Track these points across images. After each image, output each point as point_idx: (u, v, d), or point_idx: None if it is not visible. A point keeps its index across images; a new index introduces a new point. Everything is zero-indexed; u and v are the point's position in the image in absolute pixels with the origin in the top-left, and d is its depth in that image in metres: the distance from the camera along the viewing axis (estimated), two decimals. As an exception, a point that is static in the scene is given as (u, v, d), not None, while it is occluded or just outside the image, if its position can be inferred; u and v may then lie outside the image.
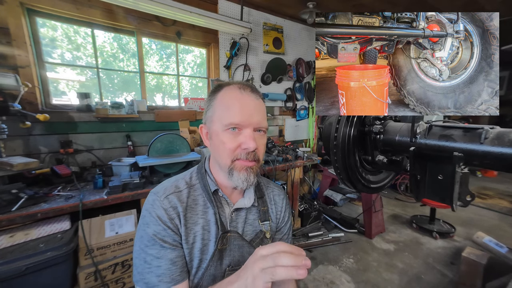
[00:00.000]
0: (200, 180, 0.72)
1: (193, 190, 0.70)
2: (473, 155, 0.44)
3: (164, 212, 0.63)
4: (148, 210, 0.65)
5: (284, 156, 2.42)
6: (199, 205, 0.69)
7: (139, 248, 0.63)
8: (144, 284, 0.60)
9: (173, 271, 0.61)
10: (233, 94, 0.65)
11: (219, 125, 0.64)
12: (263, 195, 0.81)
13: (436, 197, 0.49)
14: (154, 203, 0.65)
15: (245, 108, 0.63)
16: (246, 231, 0.74)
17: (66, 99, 2.14)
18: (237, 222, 0.73)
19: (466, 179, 0.44)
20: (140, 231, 0.64)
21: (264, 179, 0.87)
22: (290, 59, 3.22)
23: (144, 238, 0.63)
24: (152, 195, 0.67)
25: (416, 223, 2.90)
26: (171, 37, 2.37)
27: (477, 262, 1.70)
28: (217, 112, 0.66)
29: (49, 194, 1.44)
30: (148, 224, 0.63)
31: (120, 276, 1.55)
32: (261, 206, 0.77)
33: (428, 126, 0.50)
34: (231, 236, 0.68)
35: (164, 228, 0.62)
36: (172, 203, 0.65)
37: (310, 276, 2.07)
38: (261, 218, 0.76)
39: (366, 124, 0.61)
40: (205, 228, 0.67)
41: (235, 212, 0.73)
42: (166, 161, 1.77)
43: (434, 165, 0.50)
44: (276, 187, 0.86)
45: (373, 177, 0.70)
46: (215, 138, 0.66)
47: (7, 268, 1.16)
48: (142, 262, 0.62)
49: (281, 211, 0.83)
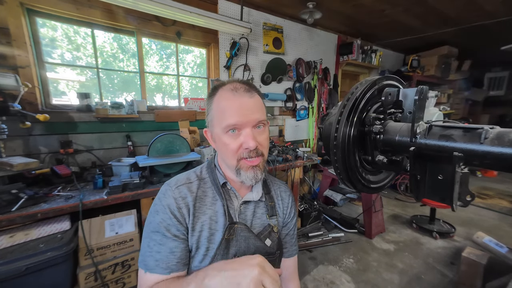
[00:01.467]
0: (210, 174, 0.76)
1: (203, 183, 0.74)
2: (473, 155, 0.44)
3: (174, 201, 0.67)
4: (160, 198, 0.69)
5: (284, 156, 2.42)
6: (208, 197, 0.72)
7: (146, 232, 0.68)
8: (144, 265, 0.64)
9: (170, 260, 0.64)
10: (227, 96, 0.66)
11: (219, 128, 0.67)
12: (270, 191, 0.84)
13: (436, 197, 0.49)
14: (166, 192, 0.69)
15: (240, 109, 0.64)
16: (255, 224, 0.77)
17: (66, 99, 2.14)
18: (246, 215, 0.76)
19: (466, 179, 0.44)
20: (150, 217, 0.69)
21: (270, 176, 0.90)
22: (290, 59, 3.22)
23: (151, 224, 0.67)
24: (165, 186, 0.72)
25: (416, 223, 2.90)
26: (171, 37, 2.37)
27: (477, 262, 1.71)
28: (215, 117, 0.68)
29: (49, 194, 1.44)
30: (158, 211, 0.67)
31: (120, 276, 1.55)
32: (268, 201, 0.81)
33: (428, 126, 0.50)
34: (238, 227, 0.71)
35: (170, 217, 0.66)
36: (182, 193, 0.69)
37: (310, 276, 2.07)
38: (268, 213, 0.79)
39: (366, 124, 0.61)
40: (212, 218, 0.70)
41: (244, 205, 0.76)
42: (166, 161, 1.77)
43: (434, 165, 0.50)
44: (282, 184, 0.90)
45: (373, 177, 0.70)
46: (218, 141, 0.69)
47: (7, 268, 1.16)
48: (145, 245, 0.66)
49: (288, 207, 0.86)
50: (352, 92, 0.64)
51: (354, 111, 0.61)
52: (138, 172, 1.68)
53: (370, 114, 0.61)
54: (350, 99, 0.62)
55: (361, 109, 0.62)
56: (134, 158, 1.92)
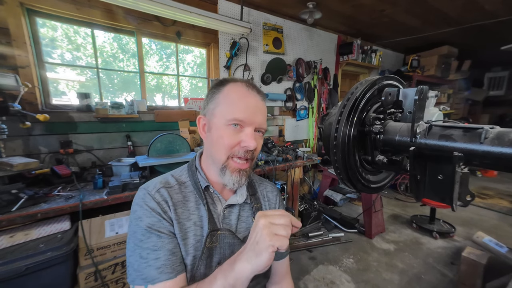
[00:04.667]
0: (191, 178, 0.71)
1: (184, 187, 0.69)
2: (473, 155, 0.43)
3: (157, 205, 0.61)
4: (139, 204, 0.62)
5: (284, 156, 2.42)
6: (190, 201, 0.67)
7: (133, 244, 0.60)
8: (142, 280, 0.56)
9: (174, 261, 0.59)
10: (240, 91, 0.65)
11: (221, 119, 0.63)
12: (256, 192, 0.80)
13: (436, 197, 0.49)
14: (145, 196, 0.63)
15: (250, 106, 0.63)
16: (240, 229, 0.73)
17: (66, 99, 2.14)
18: (230, 219, 0.72)
19: (466, 179, 0.44)
20: (132, 227, 0.61)
21: (256, 177, 0.86)
22: (290, 59, 3.22)
23: (137, 233, 0.59)
24: (142, 190, 0.65)
25: (416, 223, 2.90)
26: (171, 37, 2.37)
27: (477, 262, 1.70)
28: (220, 106, 0.64)
29: (49, 194, 1.44)
30: (141, 217, 0.60)
31: (120, 276, 1.55)
32: (254, 203, 0.77)
33: (428, 126, 0.50)
34: (221, 234, 0.67)
35: (160, 219, 0.60)
36: (164, 196, 0.63)
37: (310, 276, 2.07)
38: (254, 215, 0.75)
39: (366, 124, 0.61)
40: (197, 224, 0.66)
41: (228, 208, 0.72)
42: (166, 161, 1.77)
43: (434, 165, 0.49)
44: (269, 184, 0.86)
45: (373, 177, 0.70)
46: (215, 131, 0.65)
47: (7, 268, 1.16)
48: (137, 258, 0.58)
49: (275, 207, 0.83)
50: (352, 92, 0.64)
51: (354, 111, 0.61)
52: (138, 172, 1.68)
53: (370, 114, 0.61)
54: (350, 99, 0.62)
55: (361, 109, 0.62)
56: (134, 158, 1.92)
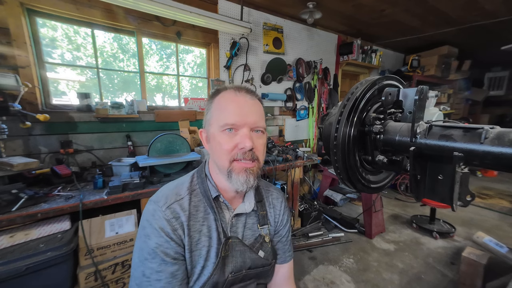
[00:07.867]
0: (201, 185, 0.71)
1: (194, 196, 0.69)
2: (473, 155, 0.43)
3: (167, 223, 0.61)
4: (149, 220, 0.62)
5: (284, 156, 2.42)
6: (200, 212, 0.67)
7: (138, 260, 0.61)
8: None
9: (173, 284, 0.60)
10: (228, 97, 0.66)
11: (215, 127, 0.65)
12: (262, 198, 0.80)
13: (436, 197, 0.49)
14: (155, 213, 0.62)
15: (240, 108, 0.64)
16: (246, 236, 0.73)
17: (66, 99, 2.13)
18: (237, 227, 0.72)
19: (466, 179, 0.44)
20: (140, 242, 0.62)
21: (263, 182, 0.86)
22: (290, 59, 3.22)
23: (144, 251, 0.60)
24: (153, 204, 0.64)
25: (416, 223, 2.90)
26: (171, 37, 2.37)
27: (477, 262, 1.70)
28: (213, 115, 0.66)
29: (49, 194, 1.44)
30: (149, 236, 0.61)
31: (120, 276, 1.55)
32: (260, 211, 0.77)
33: (428, 126, 0.50)
34: (232, 242, 0.68)
35: (167, 240, 0.60)
36: (175, 213, 0.63)
37: (310, 276, 2.07)
38: (260, 222, 0.76)
39: (366, 124, 0.61)
40: (206, 234, 0.66)
41: (235, 217, 0.72)
42: (166, 161, 1.77)
43: (434, 165, 0.50)
44: (275, 191, 0.85)
45: (373, 177, 0.70)
46: (213, 140, 0.66)
47: (7, 268, 1.16)
48: (140, 275, 0.60)
49: (280, 214, 0.82)
50: (352, 92, 0.64)
51: (354, 111, 0.61)
52: (138, 172, 1.68)
53: (370, 114, 0.61)
54: (350, 99, 0.62)
55: (361, 109, 0.62)
56: (134, 158, 1.92)
